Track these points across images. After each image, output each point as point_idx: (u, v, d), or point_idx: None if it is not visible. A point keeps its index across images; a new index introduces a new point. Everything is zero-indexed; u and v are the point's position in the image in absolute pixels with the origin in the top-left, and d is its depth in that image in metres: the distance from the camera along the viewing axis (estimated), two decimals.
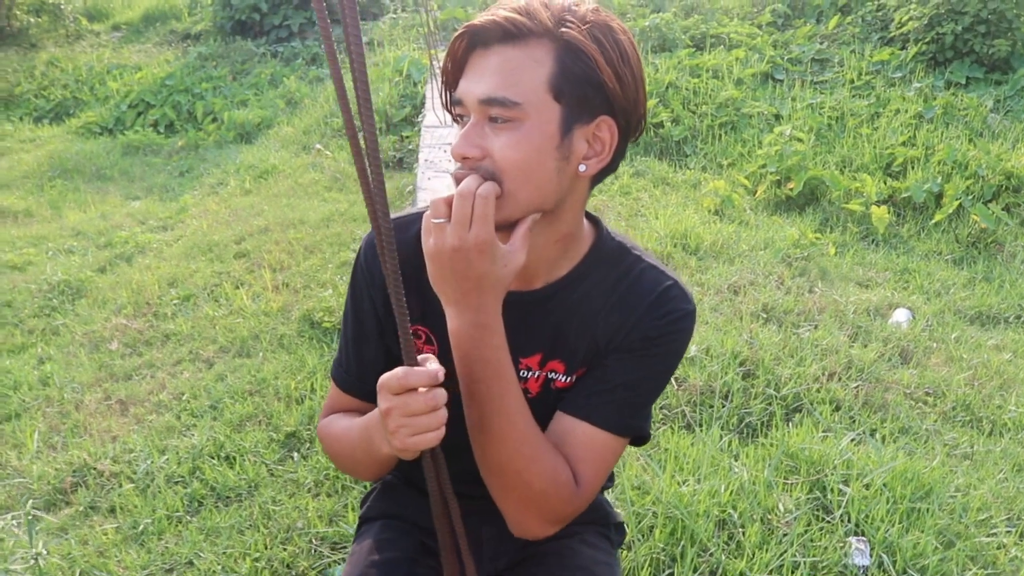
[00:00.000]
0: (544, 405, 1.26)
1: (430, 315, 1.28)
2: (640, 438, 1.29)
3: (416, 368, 1.03)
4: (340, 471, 1.52)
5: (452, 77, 1.16)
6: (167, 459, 2.93)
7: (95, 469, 2.94)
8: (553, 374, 1.29)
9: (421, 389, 1.03)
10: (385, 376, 1.05)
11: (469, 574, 1.21)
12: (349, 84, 0.95)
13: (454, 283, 1.10)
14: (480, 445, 1.20)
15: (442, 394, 1.05)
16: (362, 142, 0.94)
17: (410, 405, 1.02)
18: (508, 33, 1.10)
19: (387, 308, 1.27)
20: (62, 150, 8.16)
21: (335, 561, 2.42)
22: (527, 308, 1.24)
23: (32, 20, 12.02)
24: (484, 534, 1.41)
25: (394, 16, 10.80)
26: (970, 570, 2.28)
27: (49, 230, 5.93)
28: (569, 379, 1.28)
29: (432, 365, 1.05)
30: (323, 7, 0.87)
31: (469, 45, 1.14)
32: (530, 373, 1.29)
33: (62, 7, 12.27)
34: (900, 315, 3.92)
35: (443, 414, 1.05)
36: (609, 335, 1.24)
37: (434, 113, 6.35)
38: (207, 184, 6.78)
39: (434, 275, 1.12)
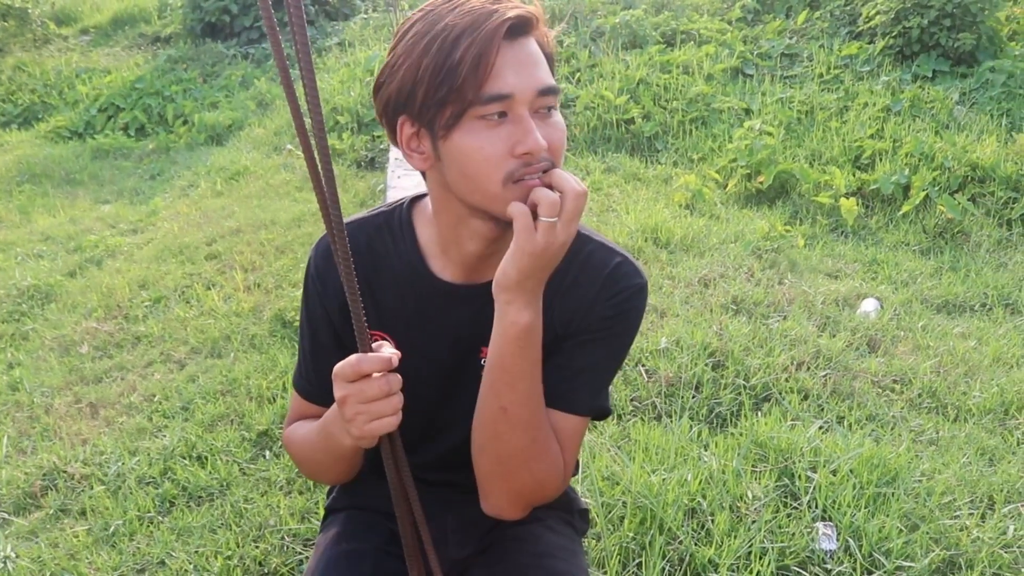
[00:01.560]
0: None
1: (387, 320, 1.31)
2: (603, 413, 1.32)
3: (369, 354, 1.04)
4: (307, 477, 1.52)
5: (483, 72, 1.07)
6: (138, 460, 2.92)
7: (65, 472, 2.92)
8: None
9: (376, 375, 1.04)
10: (339, 364, 1.05)
11: (431, 562, 1.22)
12: (301, 91, 0.95)
13: (538, 279, 1.11)
14: (498, 434, 1.20)
15: (397, 379, 1.05)
16: (314, 148, 0.95)
17: (365, 391, 1.03)
18: (532, 23, 1.12)
19: (343, 315, 1.28)
20: (31, 155, 8.08)
21: (307, 557, 2.42)
22: (485, 299, 1.25)
23: None
24: (449, 522, 1.43)
25: (365, 16, 10.78)
26: (933, 551, 2.31)
27: (18, 235, 5.87)
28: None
29: (387, 351, 1.06)
30: (271, 15, 0.87)
31: (509, 36, 1.10)
32: None
33: (29, 11, 12.14)
34: (868, 305, 3.96)
35: (399, 399, 1.06)
36: (565, 319, 1.26)
37: None
38: (178, 187, 6.75)
39: (525, 271, 1.09)
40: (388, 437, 1.10)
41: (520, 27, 1.10)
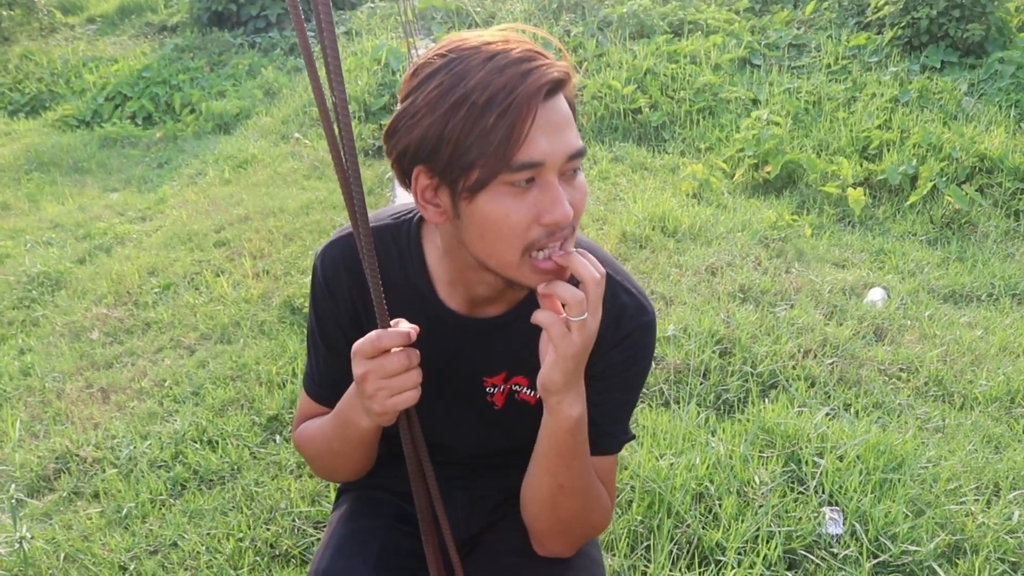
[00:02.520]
0: (510, 415, 1.31)
1: None
2: (631, 439, 1.36)
3: (389, 329, 1.05)
4: (322, 477, 1.52)
5: (516, 140, 1.01)
6: (149, 444, 2.95)
7: (77, 456, 2.95)
8: (517, 387, 1.33)
9: (395, 349, 1.06)
10: (359, 342, 1.06)
11: (445, 534, 1.24)
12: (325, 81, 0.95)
13: (581, 371, 1.12)
14: (556, 506, 1.25)
15: (416, 353, 1.07)
16: (339, 137, 0.95)
17: (386, 366, 1.05)
18: (565, 82, 1.07)
19: (352, 322, 1.29)
20: (38, 143, 8.11)
21: (318, 539, 2.44)
22: (490, 333, 1.27)
23: (5, 13, 11.91)
24: (458, 499, 1.45)
25: (372, 5, 10.78)
26: (939, 536, 2.33)
27: (27, 223, 5.90)
28: (533, 393, 1.32)
29: (404, 326, 1.07)
30: (296, 3, 0.88)
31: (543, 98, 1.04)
32: (495, 389, 1.33)
33: (35, 0, 12.16)
34: (875, 294, 3.97)
35: (419, 373, 1.08)
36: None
37: None
38: (186, 175, 6.77)
39: (568, 371, 1.09)
40: (406, 413, 1.12)
41: (554, 89, 1.05)
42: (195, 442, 2.94)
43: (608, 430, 1.29)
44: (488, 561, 1.41)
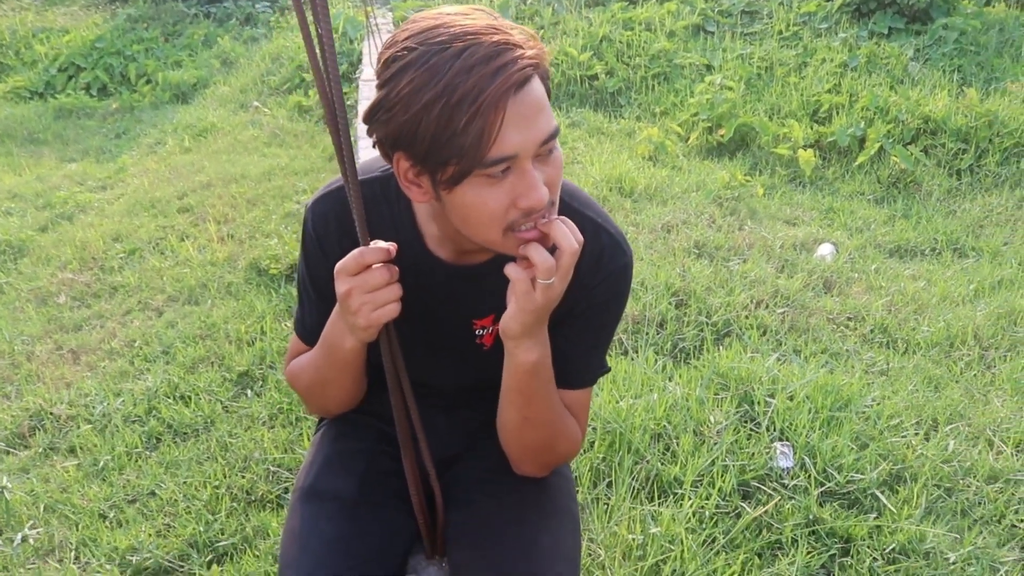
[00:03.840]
0: (499, 355, 1.35)
1: None
2: (605, 373, 1.45)
3: (370, 246, 1.14)
4: (312, 411, 1.59)
5: (487, 141, 1.03)
6: (123, 401, 3.01)
7: (51, 414, 3.00)
8: None
9: (376, 265, 1.14)
10: (341, 261, 1.14)
11: (422, 446, 1.34)
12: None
13: (541, 324, 1.21)
14: (523, 435, 1.35)
15: (395, 268, 1.16)
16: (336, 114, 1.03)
17: (368, 281, 1.13)
18: (538, 68, 1.07)
19: None
20: None
21: (293, 484, 2.53)
22: (477, 280, 1.34)
23: None
24: (439, 423, 1.54)
25: None
26: (881, 466, 2.48)
27: None
28: None
29: (383, 243, 1.15)
30: None
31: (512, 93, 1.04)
32: (484, 331, 1.40)
33: None
34: (824, 249, 4.13)
35: (399, 287, 1.16)
36: (564, 306, 1.29)
37: (371, 68, 6.38)
38: (145, 144, 6.75)
39: (528, 324, 1.17)
40: (386, 329, 1.21)
41: (525, 80, 1.05)
42: (168, 397, 3.01)
43: (582, 364, 1.38)
44: (465, 477, 1.50)
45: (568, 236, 1.11)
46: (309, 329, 1.42)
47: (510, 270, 1.14)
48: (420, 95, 1.02)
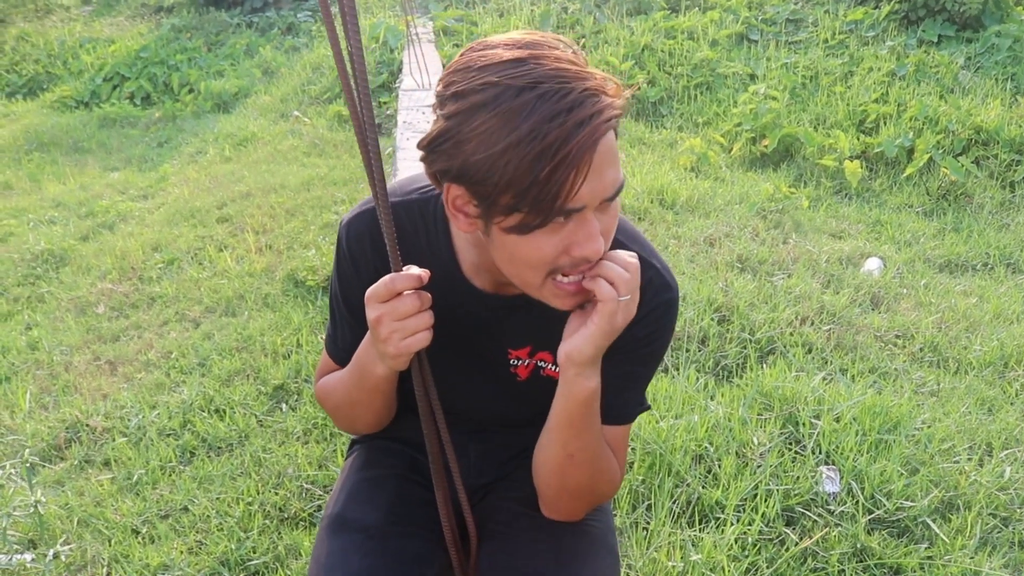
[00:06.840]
0: (533, 388, 1.33)
1: None
2: (646, 410, 1.39)
3: (401, 272, 1.09)
4: (340, 428, 1.55)
5: (565, 194, 0.98)
6: (158, 414, 3.00)
7: (87, 425, 3.00)
8: (543, 363, 1.36)
9: (407, 292, 1.10)
10: (372, 287, 1.10)
11: (455, 476, 1.29)
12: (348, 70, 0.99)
13: (605, 349, 1.16)
14: (564, 475, 1.29)
15: (427, 296, 1.11)
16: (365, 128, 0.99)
17: (398, 308, 1.08)
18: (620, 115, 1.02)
19: None
20: (38, 124, 8.14)
21: (326, 501, 2.50)
22: (514, 310, 1.29)
23: None
24: (471, 450, 1.49)
25: None
26: (933, 493, 2.39)
27: (29, 202, 5.94)
28: (557, 368, 1.30)
29: (415, 269, 1.10)
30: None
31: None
32: (520, 362, 1.36)
33: None
34: (872, 264, 4.02)
35: (430, 315, 1.12)
36: None
37: (411, 77, 6.37)
38: (186, 153, 6.80)
39: (601, 348, 1.14)
40: (418, 357, 1.16)
41: (610, 129, 1.00)
42: (203, 411, 2.99)
43: (623, 400, 1.32)
44: (499, 508, 1.45)
45: (623, 256, 1.09)
46: (341, 348, 1.39)
47: (600, 290, 1.08)
48: (498, 138, 0.96)
